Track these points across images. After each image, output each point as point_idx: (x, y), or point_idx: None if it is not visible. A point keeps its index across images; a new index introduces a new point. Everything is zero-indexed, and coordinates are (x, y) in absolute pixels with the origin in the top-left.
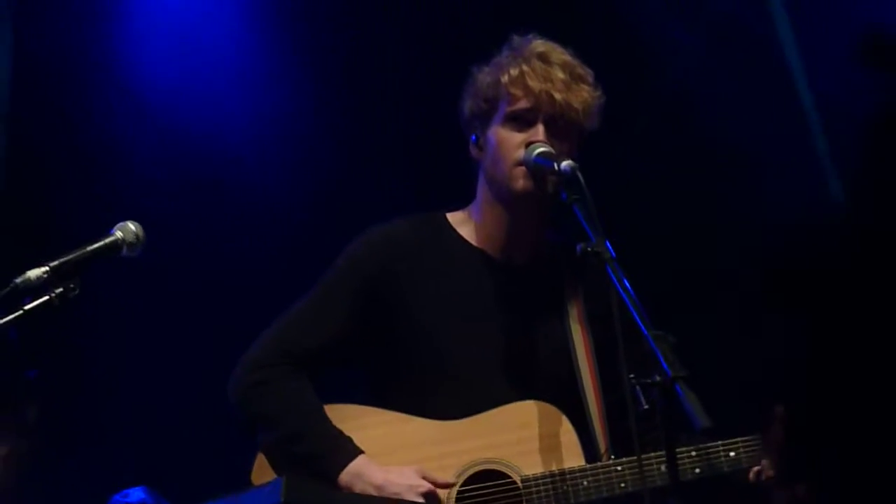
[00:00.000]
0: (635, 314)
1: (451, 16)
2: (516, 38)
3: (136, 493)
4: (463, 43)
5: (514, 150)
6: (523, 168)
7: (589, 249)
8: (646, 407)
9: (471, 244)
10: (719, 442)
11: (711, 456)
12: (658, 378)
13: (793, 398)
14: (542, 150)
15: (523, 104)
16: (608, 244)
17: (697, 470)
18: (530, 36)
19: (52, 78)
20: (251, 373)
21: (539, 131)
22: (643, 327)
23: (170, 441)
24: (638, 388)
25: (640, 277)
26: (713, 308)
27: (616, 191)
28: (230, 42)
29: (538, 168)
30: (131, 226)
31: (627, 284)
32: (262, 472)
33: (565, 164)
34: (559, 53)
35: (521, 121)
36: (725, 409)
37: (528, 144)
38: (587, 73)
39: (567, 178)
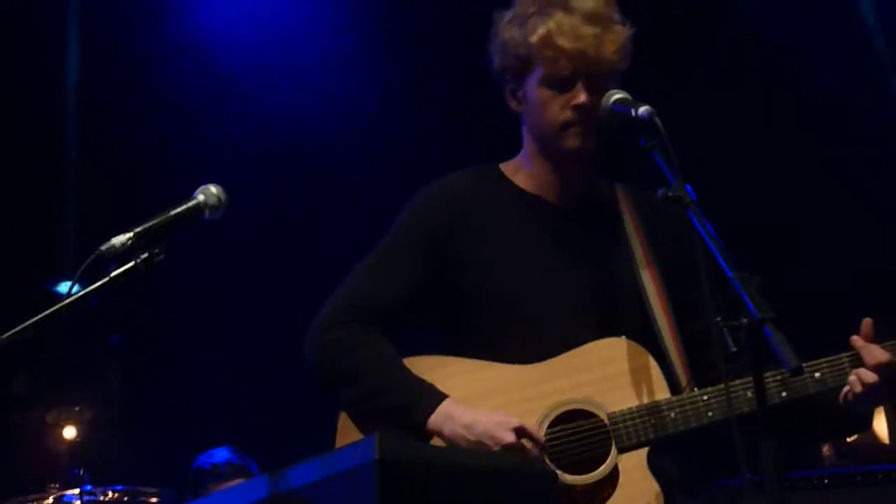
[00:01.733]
0: (719, 257)
1: None
2: None
3: (221, 452)
4: None
5: (559, 113)
6: (574, 129)
7: (670, 194)
8: (734, 349)
9: (527, 192)
10: (805, 364)
11: (796, 379)
12: (745, 320)
13: None
14: (618, 97)
15: (559, 69)
16: (689, 188)
17: (784, 393)
18: None
19: (124, 48)
20: (326, 332)
21: (580, 94)
22: (728, 270)
23: (254, 403)
24: (725, 330)
25: (722, 221)
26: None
27: (695, 137)
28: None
29: (615, 115)
30: (213, 188)
31: (710, 227)
32: (347, 430)
33: (643, 109)
34: None
35: (559, 84)
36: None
37: (574, 107)
38: (612, 10)
39: (645, 123)
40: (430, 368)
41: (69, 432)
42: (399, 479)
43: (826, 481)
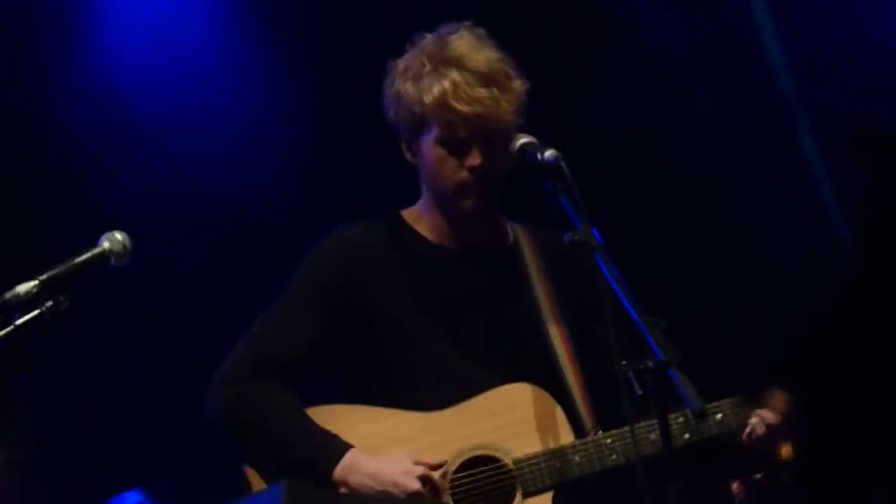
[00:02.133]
0: (625, 300)
1: None
2: (431, 32)
3: (133, 496)
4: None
5: (454, 174)
6: (470, 190)
7: (576, 237)
8: (640, 392)
9: (428, 240)
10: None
11: (700, 420)
12: (650, 363)
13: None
14: (523, 141)
15: (453, 131)
16: (595, 231)
17: (687, 435)
18: (445, 28)
19: (24, 86)
20: (227, 388)
21: (476, 156)
22: (633, 313)
23: (166, 446)
24: (631, 374)
25: (628, 263)
26: (700, 292)
27: (597, 179)
28: (206, 40)
29: (521, 160)
30: (118, 235)
31: (615, 271)
32: (255, 477)
33: (549, 154)
34: (477, 56)
35: (454, 146)
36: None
37: (469, 168)
38: (507, 65)
39: (551, 167)
40: (334, 418)
41: None
42: None
43: None
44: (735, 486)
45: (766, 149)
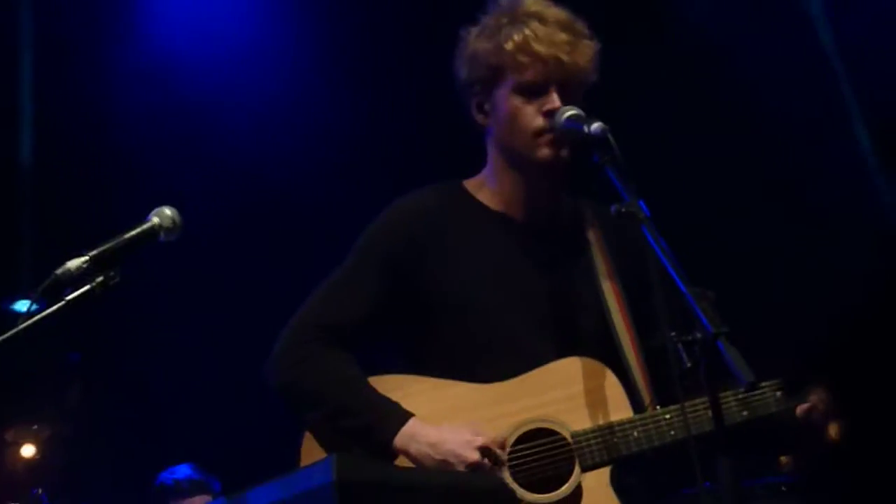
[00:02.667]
0: (673, 272)
1: None
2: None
3: (183, 468)
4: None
5: (531, 120)
6: (546, 137)
7: (623, 210)
8: (688, 365)
9: (491, 209)
10: (764, 384)
11: (757, 397)
12: (699, 335)
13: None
14: (570, 113)
15: (533, 74)
16: (642, 203)
17: (745, 413)
18: None
19: (72, 66)
20: (289, 352)
21: (553, 99)
22: (681, 285)
23: (217, 423)
24: (680, 346)
25: (676, 236)
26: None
27: (645, 149)
28: (249, 17)
29: (568, 132)
30: (167, 210)
31: (664, 243)
32: (311, 449)
33: (595, 126)
34: (554, 11)
35: (532, 90)
36: (765, 358)
37: (546, 113)
38: (582, 25)
39: (598, 139)
40: (394, 388)
41: (27, 451)
42: (357, 499)
43: (783, 488)
44: (783, 458)
45: (819, 135)
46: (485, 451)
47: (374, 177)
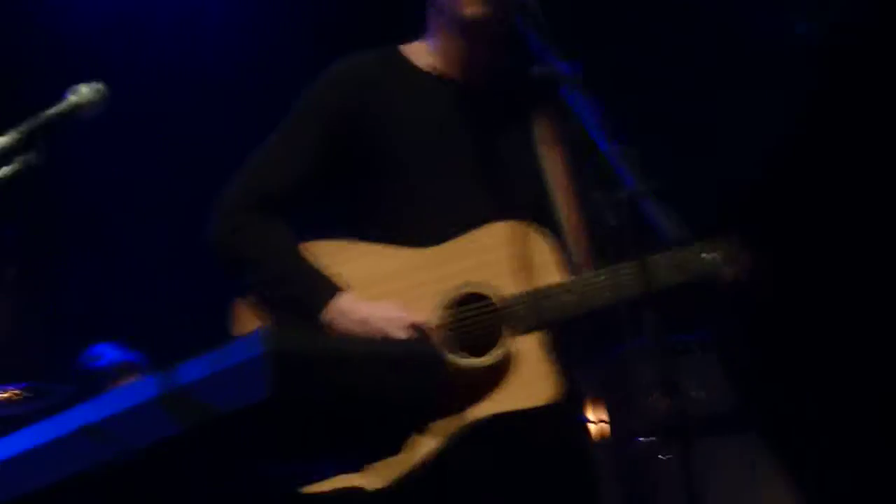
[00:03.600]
0: (593, 132)
1: None
2: None
3: (105, 349)
4: None
5: None
6: None
7: (544, 71)
8: (613, 223)
9: (429, 73)
10: (696, 244)
11: (690, 259)
12: (624, 193)
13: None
14: None
15: None
16: (565, 65)
17: (677, 277)
18: None
19: None
20: (225, 219)
21: None
22: (603, 143)
23: (150, 295)
24: (605, 204)
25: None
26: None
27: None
28: None
29: None
30: (83, 88)
31: (586, 103)
32: (242, 321)
33: None
34: None
35: None
36: (693, 213)
37: None
38: None
39: (520, 4)
40: (327, 253)
41: None
42: (288, 370)
43: (703, 343)
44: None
45: None
46: (414, 328)
47: (310, 45)
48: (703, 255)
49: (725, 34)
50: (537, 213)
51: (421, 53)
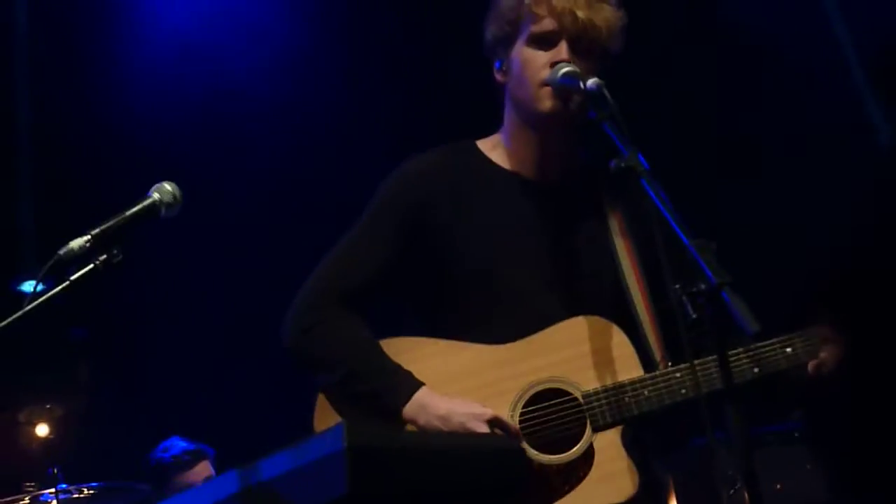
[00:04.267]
0: (674, 224)
1: None
2: None
3: (175, 442)
4: None
5: (539, 71)
6: (549, 88)
7: (622, 164)
8: (694, 317)
9: (504, 168)
10: (774, 340)
11: (768, 354)
12: (703, 286)
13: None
14: (566, 69)
15: (547, 24)
16: (641, 157)
17: (756, 369)
18: None
19: (66, 49)
20: (302, 317)
21: (562, 50)
22: (683, 237)
23: (225, 392)
24: (684, 297)
25: (678, 188)
26: (752, 212)
27: (642, 100)
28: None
29: (564, 88)
30: (167, 186)
31: (664, 195)
32: (324, 415)
33: (591, 82)
34: None
35: (545, 41)
36: (772, 308)
37: (553, 64)
38: None
39: (594, 95)
40: (405, 350)
41: (41, 430)
42: (368, 466)
43: (796, 434)
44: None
45: (816, 73)
46: (494, 422)
47: (386, 139)
48: (783, 348)
49: (804, 125)
50: (614, 308)
51: (497, 148)
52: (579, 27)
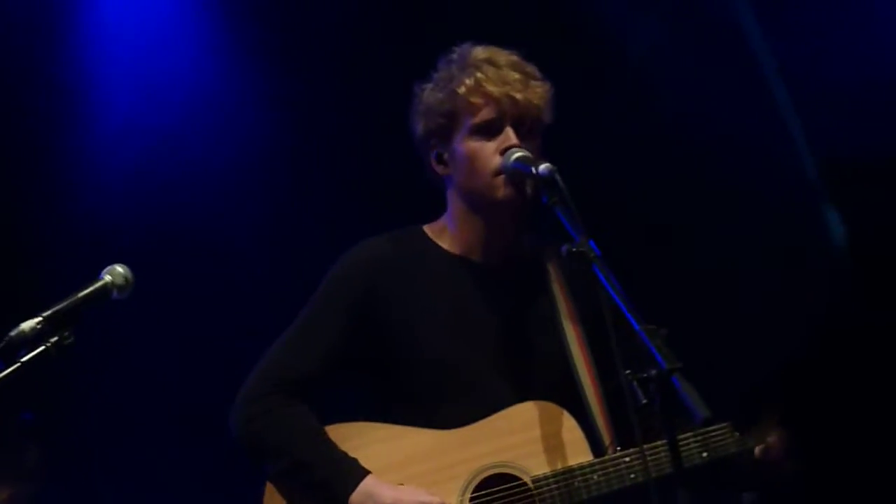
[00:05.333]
0: (625, 310)
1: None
2: (455, 50)
3: None
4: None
5: (489, 160)
6: (502, 177)
7: (574, 250)
8: (644, 402)
9: (451, 253)
10: (724, 424)
11: (716, 439)
12: (654, 372)
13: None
14: (518, 154)
15: (487, 113)
16: (592, 243)
17: (705, 454)
18: (467, 44)
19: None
20: (248, 406)
21: (510, 136)
22: (634, 322)
23: (175, 479)
24: (634, 382)
25: (627, 271)
26: (702, 299)
27: (590, 185)
28: (190, 52)
29: (517, 173)
30: (118, 268)
31: (615, 281)
32: (273, 501)
33: (543, 167)
34: (504, 55)
35: (488, 130)
36: (720, 392)
37: (504, 151)
38: (534, 68)
39: (546, 180)
40: (353, 436)
41: None
42: None
43: None
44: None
45: (759, 144)
46: None
47: (330, 228)
48: (731, 433)
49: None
50: (562, 391)
51: (443, 233)
52: (521, 109)
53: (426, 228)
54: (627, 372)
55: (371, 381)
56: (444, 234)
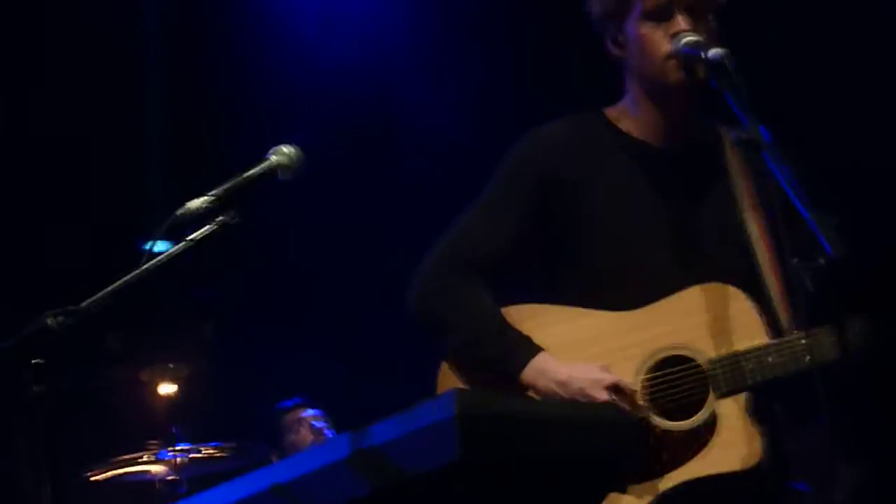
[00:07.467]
0: (794, 198)
1: None
2: None
3: (295, 403)
4: None
5: (660, 45)
6: (674, 60)
7: (743, 136)
8: (811, 290)
9: (631, 136)
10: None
11: (882, 326)
12: (822, 260)
13: None
14: (687, 38)
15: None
16: (762, 129)
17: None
18: None
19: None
20: (427, 283)
21: (679, 22)
22: (803, 210)
23: (347, 354)
24: (803, 270)
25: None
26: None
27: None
28: None
29: (687, 58)
30: (285, 148)
31: (786, 168)
32: (447, 381)
33: (713, 51)
34: None
35: (659, 15)
36: None
37: (674, 35)
38: None
39: (716, 65)
40: (528, 317)
41: (165, 389)
42: (479, 433)
43: None
44: None
45: None
46: (614, 388)
47: (507, 108)
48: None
49: None
50: (741, 276)
51: (624, 116)
52: None
53: (607, 112)
54: (795, 260)
55: (548, 263)
56: (625, 118)
